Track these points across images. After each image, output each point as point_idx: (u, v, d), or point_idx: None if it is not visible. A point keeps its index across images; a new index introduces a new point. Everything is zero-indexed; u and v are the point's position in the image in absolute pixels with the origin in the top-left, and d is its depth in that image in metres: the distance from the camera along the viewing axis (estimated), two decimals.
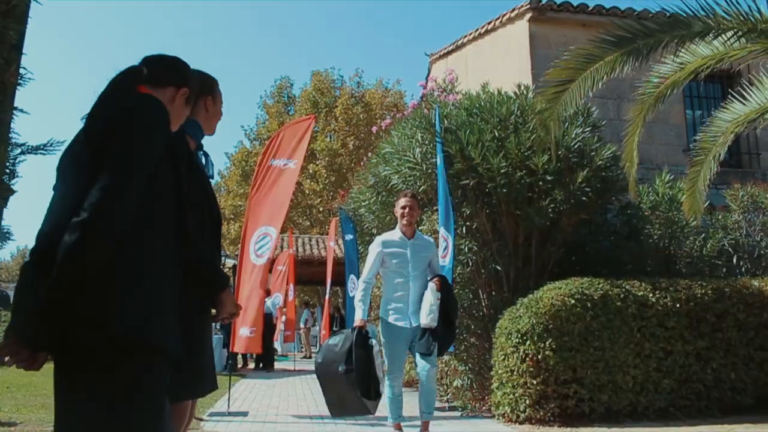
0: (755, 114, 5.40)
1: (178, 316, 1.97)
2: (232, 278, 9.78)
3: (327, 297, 14.81)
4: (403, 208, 5.22)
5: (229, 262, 15.79)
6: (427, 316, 4.89)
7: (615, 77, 9.37)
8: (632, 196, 7.03)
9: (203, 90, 2.69)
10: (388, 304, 5.13)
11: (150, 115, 1.88)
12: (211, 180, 2.92)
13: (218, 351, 12.68)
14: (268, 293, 12.93)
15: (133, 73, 2.02)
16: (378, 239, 5.27)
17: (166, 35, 57.20)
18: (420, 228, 7.33)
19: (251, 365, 14.96)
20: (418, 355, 5.05)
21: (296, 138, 7.52)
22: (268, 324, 13.96)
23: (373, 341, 4.70)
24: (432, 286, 5.01)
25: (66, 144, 2.00)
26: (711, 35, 4.33)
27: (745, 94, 5.63)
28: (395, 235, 5.24)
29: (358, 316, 4.94)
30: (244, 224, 7.50)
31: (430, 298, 4.94)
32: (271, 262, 9.71)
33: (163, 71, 2.16)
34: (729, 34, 4.25)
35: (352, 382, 4.56)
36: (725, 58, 5.04)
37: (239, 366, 13.92)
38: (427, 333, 4.96)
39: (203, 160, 2.83)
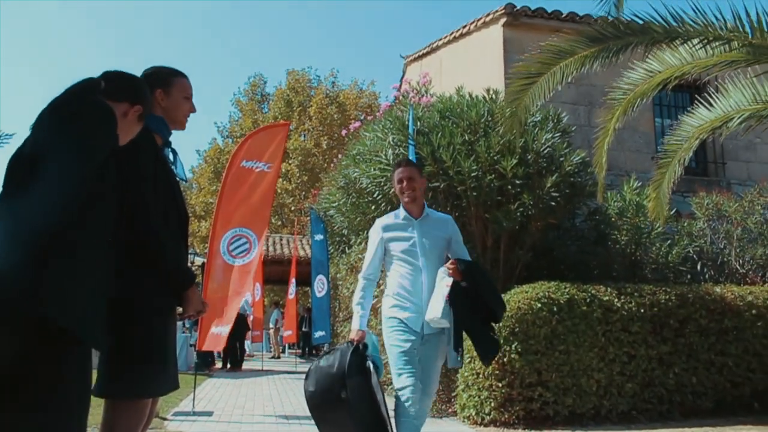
0: (719, 122, 5.50)
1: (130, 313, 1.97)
2: (200, 276, 9.70)
3: (292, 296, 14.71)
4: (399, 182, 3.98)
5: (198, 260, 15.66)
6: (432, 308, 3.70)
7: (586, 83, 9.52)
8: (599, 199, 7.13)
9: (154, 83, 2.67)
10: (395, 300, 3.90)
11: (99, 117, 1.95)
12: (183, 181, 2.91)
13: (185, 350, 12.59)
14: None
15: (89, 84, 2.08)
16: (378, 222, 4.07)
17: (135, 28, 56.62)
18: None
19: (218, 365, 14.85)
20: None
21: (271, 143, 7.52)
22: (241, 324, 13.87)
23: (371, 365, 3.62)
24: (441, 270, 3.80)
25: (15, 138, 2.05)
26: (679, 40, 4.41)
27: (711, 100, 5.74)
28: (398, 215, 4.03)
29: (355, 326, 3.79)
30: (213, 223, 7.46)
31: (440, 284, 3.76)
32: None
33: (119, 86, 2.24)
34: (695, 41, 4.32)
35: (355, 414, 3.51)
36: (692, 69, 5.13)
37: (213, 365, 13.81)
38: (447, 336, 3.79)
39: (171, 157, 2.81)
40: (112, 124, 1.97)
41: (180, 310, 2.66)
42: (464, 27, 11.21)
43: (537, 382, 6.09)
